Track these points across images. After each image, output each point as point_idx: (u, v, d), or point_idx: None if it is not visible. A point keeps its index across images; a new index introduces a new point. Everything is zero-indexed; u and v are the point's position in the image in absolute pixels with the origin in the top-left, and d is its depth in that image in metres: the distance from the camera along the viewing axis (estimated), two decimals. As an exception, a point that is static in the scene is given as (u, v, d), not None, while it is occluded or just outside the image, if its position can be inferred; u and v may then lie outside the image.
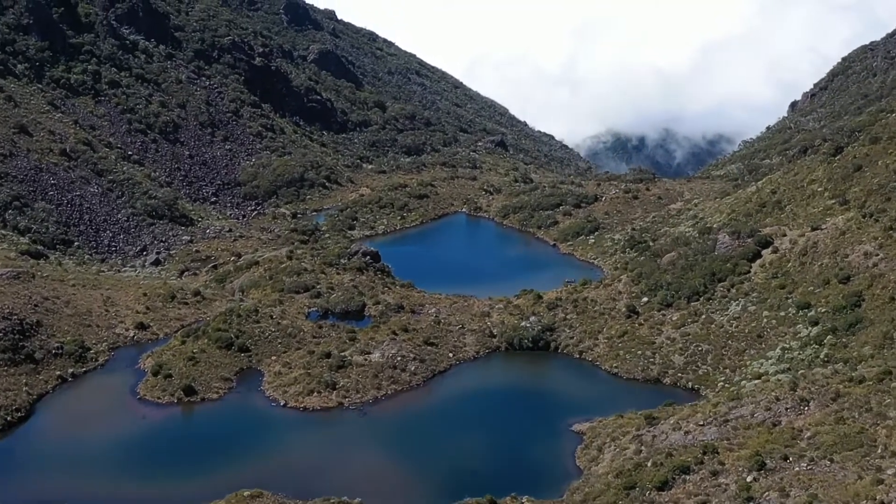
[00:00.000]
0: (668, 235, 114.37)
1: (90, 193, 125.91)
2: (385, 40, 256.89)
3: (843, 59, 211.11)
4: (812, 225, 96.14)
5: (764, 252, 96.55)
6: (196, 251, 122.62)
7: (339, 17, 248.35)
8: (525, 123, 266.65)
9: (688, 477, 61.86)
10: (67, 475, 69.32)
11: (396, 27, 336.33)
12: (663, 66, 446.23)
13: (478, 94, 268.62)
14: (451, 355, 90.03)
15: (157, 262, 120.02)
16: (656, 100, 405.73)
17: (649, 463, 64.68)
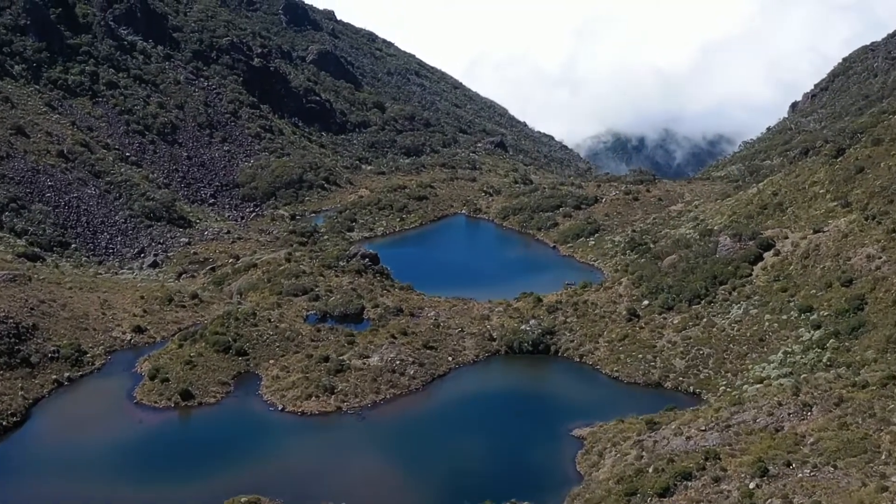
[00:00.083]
0: (669, 237, 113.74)
1: (87, 195, 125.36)
2: (384, 41, 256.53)
3: (844, 60, 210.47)
4: (814, 227, 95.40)
5: (766, 255, 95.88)
6: (194, 253, 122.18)
7: (338, 18, 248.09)
8: (525, 124, 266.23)
9: (689, 483, 61.24)
10: (63, 480, 68.83)
11: (396, 27, 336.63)
12: (663, 66, 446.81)
13: (477, 94, 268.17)
14: (450, 359, 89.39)
15: (154, 264, 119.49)
16: (656, 100, 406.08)
17: (650, 469, 64.03)
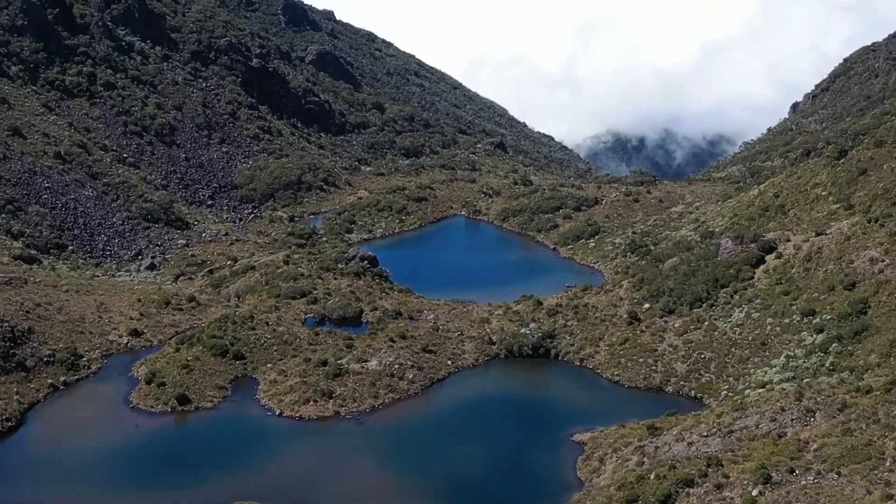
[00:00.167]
0: (670, 239, 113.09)
1: (85, 197, 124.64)
2: (384, 41, 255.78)
3: (845, 60, 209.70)
4: (816, 230, 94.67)
5: (767, 257, 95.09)
6: (192, 255, 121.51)
7: (337, 18, 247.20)
8: (524, 124, 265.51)
9: (691, 490, 60.65)
10: (59, 485, 68.38)
11: (395, 28, 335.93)
12: (663, 67, 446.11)
13: (477, 94, 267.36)
14: (449, 363, 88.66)
15: (152, 266, 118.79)
16: (656, 100, 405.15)
17: (652, 475, 63.41)
